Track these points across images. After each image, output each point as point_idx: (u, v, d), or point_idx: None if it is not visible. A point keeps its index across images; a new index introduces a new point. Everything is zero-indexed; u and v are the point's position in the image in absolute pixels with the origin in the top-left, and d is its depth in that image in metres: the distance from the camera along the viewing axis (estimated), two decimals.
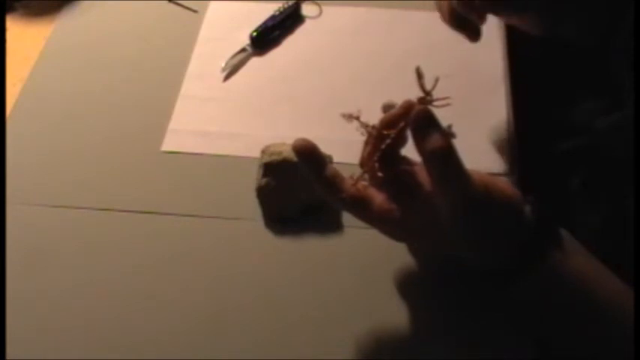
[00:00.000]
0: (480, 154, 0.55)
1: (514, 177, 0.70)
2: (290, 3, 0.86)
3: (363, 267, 0.65)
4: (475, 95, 0.76)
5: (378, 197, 0.55)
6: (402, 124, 0.54)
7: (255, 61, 0.83)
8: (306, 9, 0.87)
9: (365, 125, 0.56)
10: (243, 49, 0.83)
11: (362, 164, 0.58)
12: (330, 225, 0.68)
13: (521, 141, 0.74)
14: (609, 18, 0.65)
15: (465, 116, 0.56)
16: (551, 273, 0.55)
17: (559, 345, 0.58)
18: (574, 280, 0.56)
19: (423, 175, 0.56)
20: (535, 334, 0.59)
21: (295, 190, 0.68)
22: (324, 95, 0.79)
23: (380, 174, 0.57)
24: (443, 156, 0.52)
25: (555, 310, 0.57)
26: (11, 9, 0.89)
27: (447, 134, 0.52)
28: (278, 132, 0.75)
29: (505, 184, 0.57)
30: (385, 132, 0.55)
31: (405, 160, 0.58)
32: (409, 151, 0.56)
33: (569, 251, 0.55)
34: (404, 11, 0.63)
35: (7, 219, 0.68)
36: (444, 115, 0.54)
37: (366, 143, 0.58)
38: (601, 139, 0.70)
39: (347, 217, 0.68)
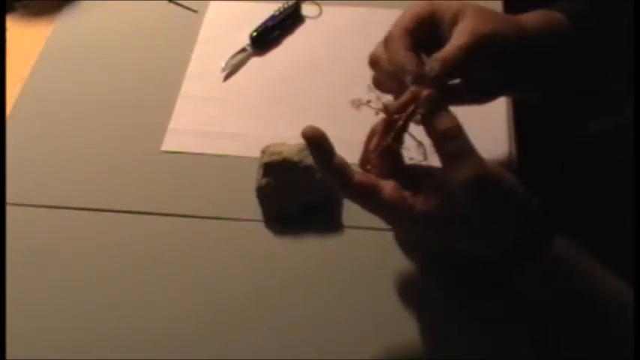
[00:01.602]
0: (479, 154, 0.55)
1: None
2: (290, 3, 0.86)
3: (363, 267, 0.65)
4: None
5: (388, 185, 0.55)
6: (410, 108, 0.55)
7: (255, 61, 0.83)
8: (306, 9, 0.88)
9: (377, 109, 0.56)
10: (243, 49, 0.83)
11: (363, 162, 0.58)
12: (330, 225, 0.68)
13: (521, 141, 0.74)
14: (608, 17, 0.65)
15: (464, 116, 0.56)
16: (552, 263, 0.55)
17: (558, 344, 0.58)
18: (574, 274, 0.56)
19: (428, 169, 0.56)
20: (534, 334, 0.59)
21: (295, 190, 0.68)
22: (324, 95, 0.79)
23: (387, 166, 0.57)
24: (454, 135, 0.53)
25: (554, 306, 0.57)
26: (11, 9, 0.89)
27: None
28: (278, 132, 0.74)
29: (512, 176, 0.57)
30: (396, 116, 0.55)
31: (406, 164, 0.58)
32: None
33: (569, 246, 0.56)
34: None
35: (7, 219, 0.68)
36: None
37: (369, 140, 0.58)
38: (601, 139, 0.70)
39: (347, 217, 0.68)
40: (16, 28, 0.87)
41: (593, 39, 0.63)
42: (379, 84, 0.62)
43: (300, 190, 0.68)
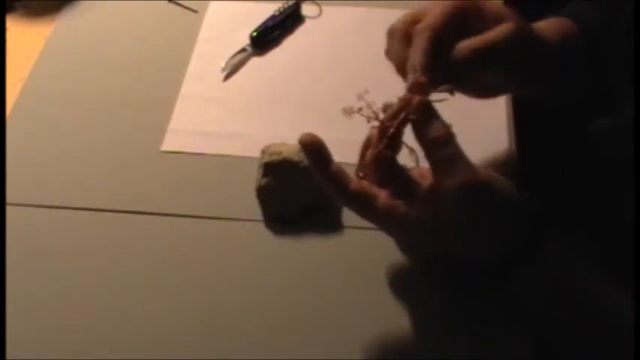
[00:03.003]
0: (479, 154, 0.55)
1: (514, 177, 0.71)
2: (290, 3, 0.86)
3: (363, 267, 0.65)
4: None
5: (382, 193, 0.56)
6: (402, 114, 0.55)
7: (255, 61, 0.83)
8: (306, 9, 0.88)
9: (368, 117, 0.56)
10: (243, 49, 0.83)
11: (358, 170, 0.58)
12: (330, 225, 0.68)
13: (521, 141, 0.74)
14: (607, 17, 0.65)
15: (464, 116, 0.56)
16: (551, 264, 0.55)
17: (558, 345, 0.58)
18: (572, 274, 0.56)
19: (422, 173, 0.57)
20: (534, 335, 0.59)
21: (295, 190, 0.68)
22: (324, 95, 0.79)
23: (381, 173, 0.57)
24: (444, 143, 0.53)
25: (553, 307, 0.57)
26: (11, 9, 0.89)
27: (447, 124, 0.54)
28: (278, 132, 0.75)
29: (505, 180, 0.57)
30: (388, 123, 0.56)
31: (402, 167, 0.58)
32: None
33: (567, 246, 0.56)
34: (404, 11, 0.63)
35: (7, 219, 0.68)
36: (444, 116, 0.55)
37: (365, 148, 0.58)
38: (601, 139, 0.70)
39: (347, 217, 0.68)
40: (16, 28, 0.87)
41: (599, 45, 0.64)
42: (389, 55, 0.61)
43: (300, 190, 0.68)
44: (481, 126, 0.74)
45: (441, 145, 0.53)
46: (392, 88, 0.57)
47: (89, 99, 0.80)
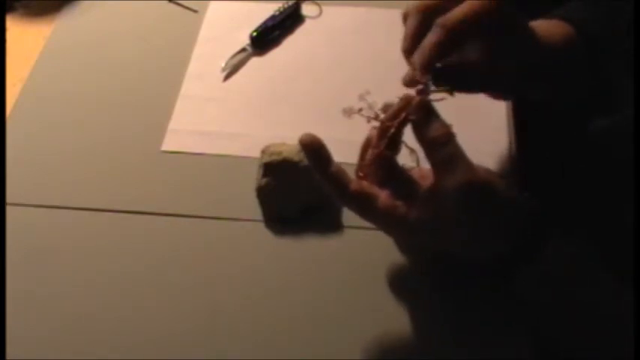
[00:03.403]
0: (479, 154, 0.55)
1: (514, 177, 0.71)
2: (290, 3, 0.86)
3: (363, 267, 0.65)
4: (475, 95, 0.76)
5: (382, 194, 0.56)
6: (403, 115, 0.55)
7: (255, 61, 0.83)
8: (306, 9, 0.88)
9: (368, 117, 0.56)
10: (243, 49, 0.83)
11: (358, 170, 0.58)
12: (330, 225, 0.68)
13: (521, 141, 0.74)
14: (607, 17, 0.65)
15: (464, 116, 0.56)
16: (551, 264, 0.55)
17: (557, 345, 0.58)
18: (573, 274, 0.56)
19: (423, 174, 0.57)
20: (535, 335, 0.59)
21: (295, 190, 0.68)
22: (324, 95, 0.79)
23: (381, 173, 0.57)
24: (444, 143, 0.53)
25: (554, 307, 0.57)
26: (11, 9, 0.89)
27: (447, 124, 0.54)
28: (278, 132, 0.75)
29: (505, 180, 0.57)
30: (389, 124, 0.56)
31: (402, 168, 0.58)
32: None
33: (567, 246, 0.56)
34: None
35: (7, 219, 0.68)
36: (444, 116, 0.55)
37: (364, 148, 0.58)
38: (601, 139, 0.70)
39: (347, 217, 0.68)
40: (16, 28, 0.87)
41: (599, 44, 0.64)
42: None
43: (300, 190, 0.68)
44: (481, 126, 0.74)
45: (441, 145, 0.53)
46: (392, 88, 0.57)
47: (89, 99, 0.80)
